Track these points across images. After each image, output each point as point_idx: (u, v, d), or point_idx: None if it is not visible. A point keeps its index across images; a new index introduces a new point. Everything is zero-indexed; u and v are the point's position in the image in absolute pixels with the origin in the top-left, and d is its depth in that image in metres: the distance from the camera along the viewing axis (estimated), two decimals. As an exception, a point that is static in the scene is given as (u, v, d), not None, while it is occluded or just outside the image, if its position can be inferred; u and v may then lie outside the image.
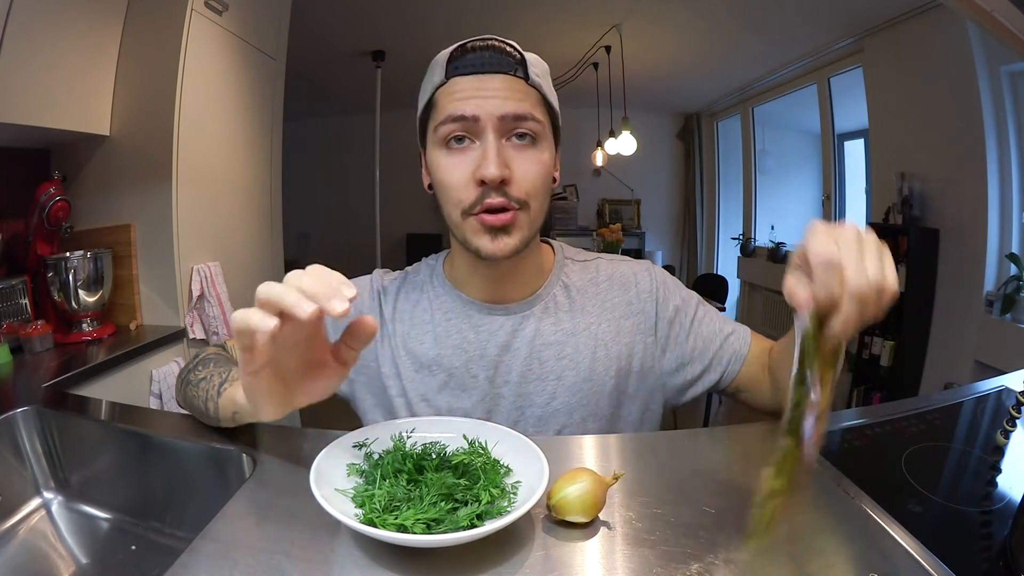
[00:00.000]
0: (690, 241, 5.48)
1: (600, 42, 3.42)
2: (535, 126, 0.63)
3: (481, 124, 0.61)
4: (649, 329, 0.73)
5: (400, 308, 0.74)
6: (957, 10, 1.44)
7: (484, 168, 0.60)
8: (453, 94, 0.62)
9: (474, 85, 0.62)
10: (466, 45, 0.64)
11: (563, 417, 0.69)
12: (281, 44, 2.21)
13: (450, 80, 0.63)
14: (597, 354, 0.70)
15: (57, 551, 0.72)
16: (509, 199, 0.62)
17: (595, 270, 0.76)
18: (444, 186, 0.64)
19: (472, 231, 0.63)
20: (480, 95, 0.61)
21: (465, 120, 0.61)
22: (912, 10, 2.58)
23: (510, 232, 0.63)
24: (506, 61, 0.63)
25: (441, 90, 0.64)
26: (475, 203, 0.62)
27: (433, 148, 0.65)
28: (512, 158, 0.62)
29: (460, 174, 0.62)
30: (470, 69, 0.63)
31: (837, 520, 0.50)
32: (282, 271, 2.32)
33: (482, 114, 0.61)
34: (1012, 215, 2.32)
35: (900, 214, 2.68)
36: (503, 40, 0.65)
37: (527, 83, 0.64)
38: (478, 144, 0.62)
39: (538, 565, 0.44)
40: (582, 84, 3.96)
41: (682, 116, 5.36)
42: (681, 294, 0.75)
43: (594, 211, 5.44)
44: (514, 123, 0.62)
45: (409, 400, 0.71)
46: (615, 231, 4.01)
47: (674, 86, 4.49)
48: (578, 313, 0.72)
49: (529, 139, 0.63)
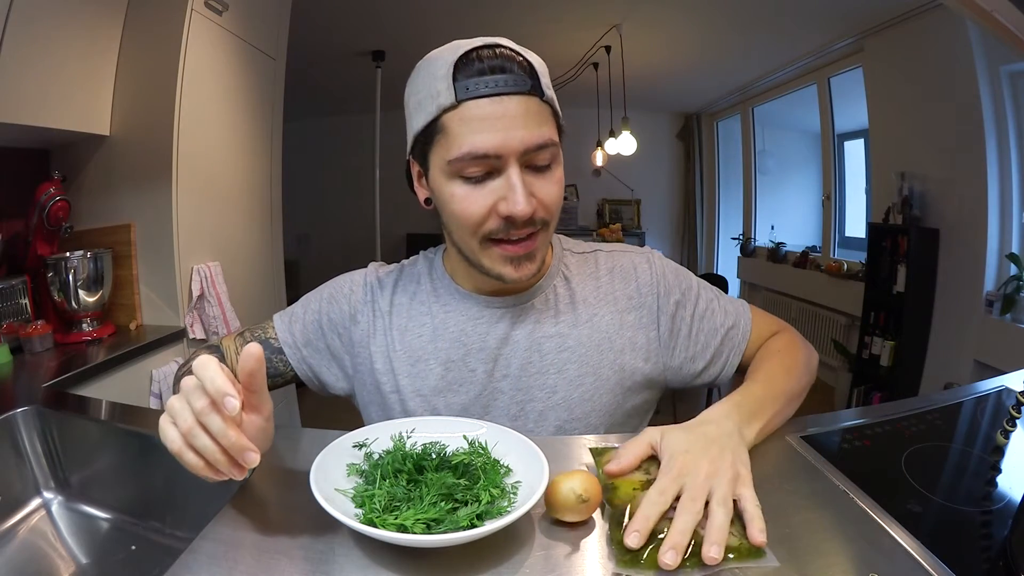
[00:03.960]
0: (690, 241, 5.48)
1: (600, 42, 3.42)
2: (554, 151, 0.61)
3: (504, 159, 0.58)
4: (652, 323, 0.73)
5: (397, 301, 0.73)
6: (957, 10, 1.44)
7: (513, 205, 0.58)
8: (469, 123, 0.57)
9: (491, 112, 0.57)
10: (471, 53, 0.58)
11: (564, 412, 0.68)
12: (281, 44, 2.21)
13: (462, 104, 0.57)
14: (601, 347, 0.70)
15: (57, 551, 0.72)
16: (534, 225, 0.61)
17: (594, 262, 0.76)
18: (459, 217, 0.61)
19: (491, 259, 0.62)
20: (499, 125, 0.57)
21: (488, 158, 0.58)
22: (912, 10, 2.59)
23: (533, 257, 0.63)
24: (521, 79, 0.58)
25: (452, 115, 0.58)
26: (497, 231, 0.60)
27: (443, 175, 0.61)
28: (533, 185, 0.60)
29: (480, 207, 0.59)
30: (484, 90, 0.57)
31: (837, 520, 0.50)
32: (282, 271, 2.32)
33: (504, 151, 0.57)
34: (1012, 215, 2.32)
35: (900, 214, 2.68)
36: (510, 47, 0.61)
37: (542, 101, 0.60)
38: (498, 177, 0.59)
39: (538, 565, 0.44)
40: (582, 84, 3.96)
41: (682, 116, 5.36)
42: (681, 286, 0.75)
43: (594, 211, 5.44)
44: (536, 152, 0.59)
45: (403, 397, 0.69)
46: (615, 231, 4.02)
47: (674, 86, 4.49)
48: (579, 305, 0.71)
49: (548, 163, 0.61)
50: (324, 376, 0.75)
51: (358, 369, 0.73)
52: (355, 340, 0.73)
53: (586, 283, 0.73)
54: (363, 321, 0.73)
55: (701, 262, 5.42)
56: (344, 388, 0.75)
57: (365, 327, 0.72)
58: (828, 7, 2.75)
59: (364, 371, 0.72)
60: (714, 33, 3.30)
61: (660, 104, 5.08)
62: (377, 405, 0.72)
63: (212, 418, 0.44)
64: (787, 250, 4.06)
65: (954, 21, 2.35)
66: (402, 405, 0.69)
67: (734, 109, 4.77)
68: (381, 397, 0.71)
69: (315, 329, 0.74)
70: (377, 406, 0.72)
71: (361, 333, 0.72)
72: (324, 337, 0.74)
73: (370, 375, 0.72)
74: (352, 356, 0.73)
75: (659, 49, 3.64)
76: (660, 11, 3.01)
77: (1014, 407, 0.66)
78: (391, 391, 0.70)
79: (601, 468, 0.55)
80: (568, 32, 3.32)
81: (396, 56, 3.59)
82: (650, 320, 0.72)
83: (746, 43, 3.40)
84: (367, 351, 0.72)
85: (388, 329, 0.72)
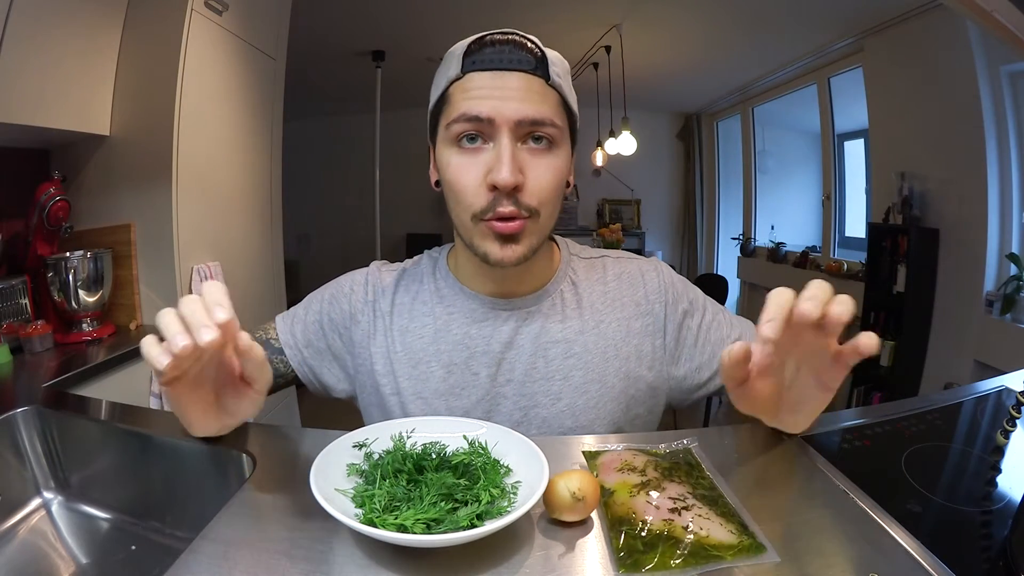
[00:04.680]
0: (690, 241, 5.48)
1: (600, 42, 3.43)
2: (552, 131, 0.61)
3: (496, 126, 0.58)
4: (658, 331, 0.72)
5: (399, 301, 0.72)
6: (957, 10, 1.44)
7: (497, 173, 0.58)
8: (468, 91, 0.59)
9: (491, 83, 0.59)
10: (484, 38, 0.60)
11: (568, 419, 0.67)
12: (281, 44, 2.21)
13: (466, 75, 0.60)
14: (607, 354, 0.69)
15: (57, 551, 0.72)
16: (520, 207, 0.60)
17: (602, 268, 0.75)
18: (454, 188, 0.62)
19: (481, 236, 0.62)
20: (497, 95, 0.58)
21: (479, 121, 0.59)
22: (912, 10, 2.58)
23: (519, 240, 0.61)
24: (526, 59, 0.60)
25: (456, 85, 0.61)
26: (486, 209, 0.60)
27: (444, 145, 0.62)
28: (526, 163, 0.60)
29: (471, 176, 0.60)
30: (488, 65, 0.59)
31: (837, 520, 0.50)
32: (282, 271, 2.32)
33: (497, 117, 0.58)
34: (1012, 215, 2.32)
35: (900, 214, 2.68)
36: (524, 35, 0.62)
37: (547, 84, 0.61)
38: (491, 146, 0.60)
39: (538, 565, 0.44)
40: (582, 84, 3.96)
41: (682, 116, 5.36)
42: (688, 296, 0.74)
43: (594, 211, 5.44)
44: (531, 127, 0.59)
45: (403, 399, 0.68)
46: (615, 231, 4.02)
47: (674, 86, 4.49)
48: (586, 311, 0.70)
49: (545, 143, 0.61)
50: (325, 377, 0.74)
51: (359, 370, 0.72)
52: (355, 340, 0.72)
53: (593, 288, 0.72)
54: (363, 321, 0.72)
55: (701, 262, 5.42)
56: (346, 390, 0.75)
57: (366, 327, 0.72)
58: (828, 7, 2.75)
59: (364, 372, 0.72)
60: (714, 33, 3.30)
61: (660, 104, 5.08)
62: (377, 407, 0.71)
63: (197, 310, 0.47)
64: (787, 250, 4.05)
65: (954, 21, 2.35)
66: (403, 408, 0.68)
67: (734, 109, 4.77)
68: (381, 399, 0.70)
69: (316, 329, 0.74)
70: (377, 408, 0.71)
71: (362, 334, 0.72)
72: (325, 337, 0.73)
73: (370, 377, 0.71)
74: (353, 357, 0.73)
75: (659, 49, 3.64)
76: (660, 11, 3.01)
77: (1014, 407, 0.66)
78: (391, 393, 0.69)
79: (596, 470, 0.55)
80: (568, 32, 3.32)
81: (396, 56, 3.59)
82: (656, 328, 0.72)
83: (746, 43, 3.40)
84: (367, 352, 0.71)
85: (389, 330, 0.71)
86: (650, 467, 0.54)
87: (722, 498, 0.51)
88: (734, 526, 0.47)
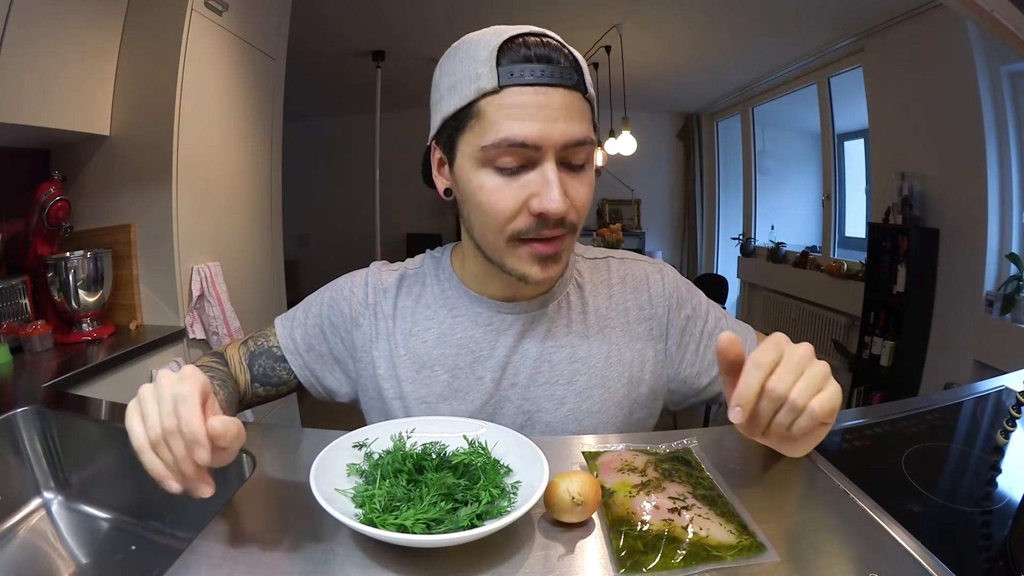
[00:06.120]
0: (690, 241, 5.48)
1: (600, 42, 3.42)
2: (590, 150, 0.58)
3: (543, 152, 0.55)
4: (660, 335, 0.71)
5: (401, 304, 0.71)
6: (957, 10, 1.44)
7: (548, 202, 0.55)
8: (509, 110, 0.54)
9: (534, 101, 0.54)
10: (517, 39, 0.56)
11: (572, 424, 0.67)
12: (281, 44, 2.21)
13: (504, 90, 0.54)
14: (611, 359, 0.68)
15: (57, 551, 0.72)
16: (564, 226, 0.58)
17: (607, 269, 0.74)
18: (487, 210, 0.57)
19: (517, 258, 0.59)
20: (541, 115, 0.54)
21: (526, 148, 0.55)
22: (912, 10, 2.58)
23: (559, 259, 0.60)
24: (567, 72, 0.56)
25: (491, 100, 0.55)
26: (526, 231, 0.57)
27: (473, 164, 0.58)
28: (567, 183, 0.57)
29: (511, 201, 0.56)
30: (529, 78, 0.54)
31: (837, 520, 0.50)
32: (282, 271, 2.32)
33: (545, 143, 0.54)
34: (1012, 215, 2.32)
35: (900, 214, 2.68)
36: (558, 40, 0.58)
37: (584, 97, 0.58)
38: (532, 171, 0.56)
39: (538, 565, 0.44)
40: (582, 84, 3.96)
41: (682, 116, 5.36)
42: (692, 301, 0.74)
43: (594, 211, 5.44)
44: (574, 149, 0.56)
45: (407, 403, 0.68)
46: (615, 231, 4.02)
47: (674, 86, 4.49)
48: (591, 315, 0.70)
49: (583, 159, 0.58)
50: (327, 381, 0.74)
51: (361, 374, 0.72)
52: (357, 344, 0.71)
53: (598, 291, 0.72)
54: (365, 325, 0.71)
55: (701, 262, 5.42)
56: (348, 393, 0.74)
57: (367, 331, 0.71)
58: (828, 7, 2.75)
59: (366, 376, 0.71)
60: (714, 33, 3.30)
61: (660, 104, 5.08)
62: (379, 411, 0.70)
63: (177, 442, 0.44)
64: (787, 250, 4.05)
65: (954, 21, 2.35)
66: (406, 412, 0.68)
67: (734, 109, 4.77)
68: (384, 403, 0.69)
69: (316, 333, 0.73)
70: (379, 412, 0.70)
71: (363, 337, 0.71)
72: (326, 341, 0.73)
73: (372, 381, 0.70)
74: (355, 360, 0.72)
75: (659, 49, 3.64)
76: (660, 11, 3.01)
77: (1014, 407, 0.66)
78: (394, 397, 0.68)
79: (596, 470, 0.55)
80: (568, 32, 3.29)
81: (396, 56, 3.59)
82: (659, 332, 0.71)
83: (746, 43, 3.40)
84: (369, 356, 0.70)
85: (392, 333, 0.70)
86: (650, 467, 0.54)
87: (722, 498, 0.51)
88: (734, 526, 0.47)
